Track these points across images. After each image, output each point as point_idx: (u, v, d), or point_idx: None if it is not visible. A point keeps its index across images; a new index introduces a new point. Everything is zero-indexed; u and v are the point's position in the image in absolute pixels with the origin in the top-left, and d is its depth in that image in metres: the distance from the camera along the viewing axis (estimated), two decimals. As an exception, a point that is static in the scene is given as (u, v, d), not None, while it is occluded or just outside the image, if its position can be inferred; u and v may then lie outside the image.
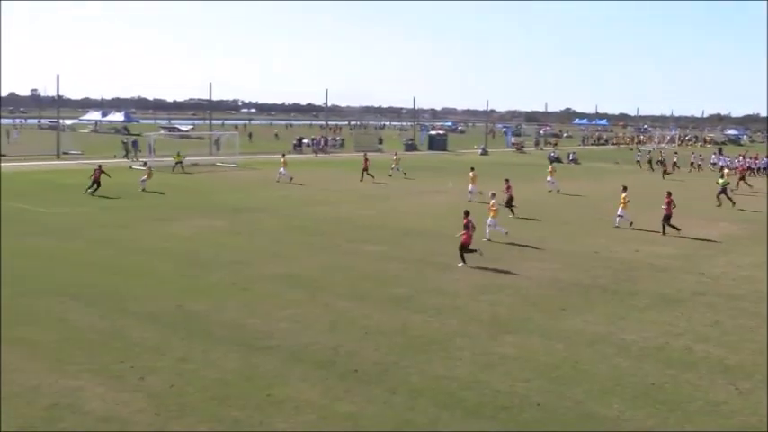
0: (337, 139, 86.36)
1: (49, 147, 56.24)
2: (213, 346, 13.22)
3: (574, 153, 69.05)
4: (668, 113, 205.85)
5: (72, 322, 14.42)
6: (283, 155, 44.47)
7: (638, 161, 62.48)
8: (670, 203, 26.71)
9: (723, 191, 36.07)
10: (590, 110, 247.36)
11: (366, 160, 44.18)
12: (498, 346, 13.72)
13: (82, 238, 23.36)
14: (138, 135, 65.27)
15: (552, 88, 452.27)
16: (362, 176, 42.83)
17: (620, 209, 28.00)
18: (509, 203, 29.88)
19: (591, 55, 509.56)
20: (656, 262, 21.90)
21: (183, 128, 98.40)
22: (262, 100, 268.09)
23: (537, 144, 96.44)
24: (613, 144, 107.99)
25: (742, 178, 44.79)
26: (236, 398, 10.96)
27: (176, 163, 46.67)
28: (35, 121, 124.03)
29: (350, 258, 21.14)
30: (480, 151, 77.29)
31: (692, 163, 59.18)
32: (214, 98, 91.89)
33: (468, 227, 20.34)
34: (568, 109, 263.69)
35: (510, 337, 14.31)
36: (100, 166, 34.47)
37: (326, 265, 20.08)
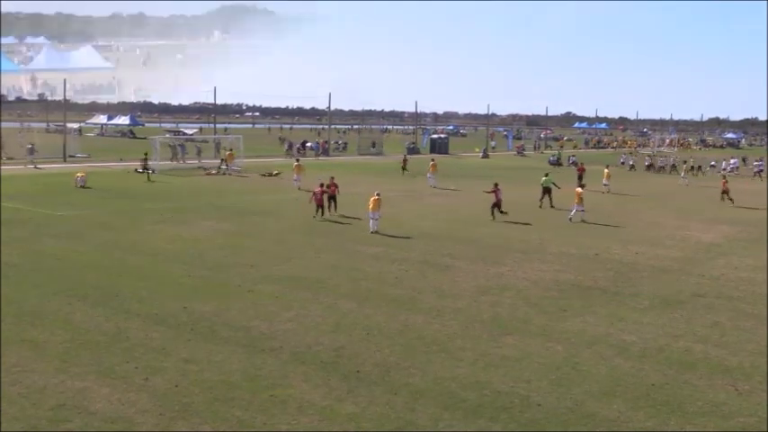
0: (340, 142, 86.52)
1: (55, 150, 56.45)
2: (217, 347, 13.36)
3: (574, 156, 69.38)
4: (667, 117, 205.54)
5: (78, 323, 14.54)
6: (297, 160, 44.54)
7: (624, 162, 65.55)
8: (496, 192, 29.96)
9: (547, 191, 34.12)
10: (590, 113, 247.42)
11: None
12: (499, 347, 13.83)
13: (88, 240, 23.50)
14: (145, 138, 65.59)
15: (553, 92, 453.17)
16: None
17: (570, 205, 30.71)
18: (332, 198, 31.45)
19: (591, 59, 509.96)
20: (656, 264, 22.00)
21: (188, 131, 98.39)
22: (266, 104, 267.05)
23: (537, 148, 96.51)
24: (612, 148, 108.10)
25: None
26: (240, 398, 11.08)
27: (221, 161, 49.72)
28: (43, 124, 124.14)
29: (352, 260, 21.26)
30: (481, 154, 77.44)
31: (673, 165, 61.27)
32: (218, 102, 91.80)
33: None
34: (569, 113, 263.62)
35: (511, 338, 14.42)
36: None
37: (329, 267, 20.21)
